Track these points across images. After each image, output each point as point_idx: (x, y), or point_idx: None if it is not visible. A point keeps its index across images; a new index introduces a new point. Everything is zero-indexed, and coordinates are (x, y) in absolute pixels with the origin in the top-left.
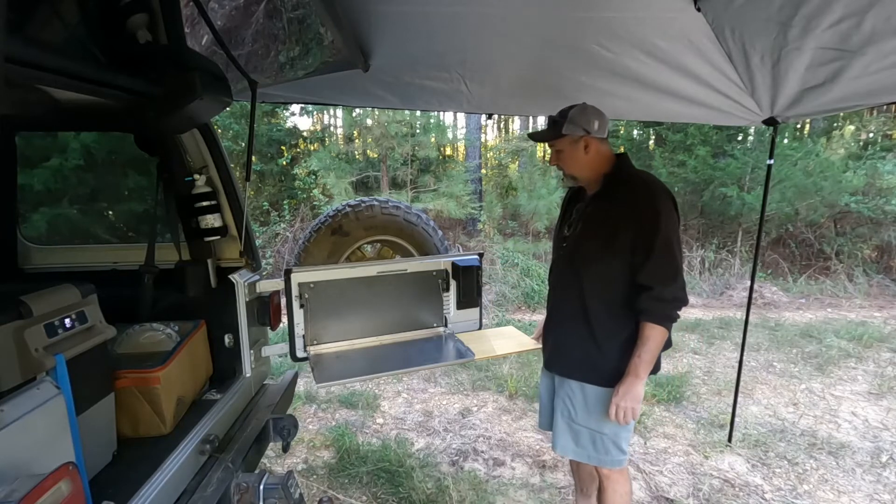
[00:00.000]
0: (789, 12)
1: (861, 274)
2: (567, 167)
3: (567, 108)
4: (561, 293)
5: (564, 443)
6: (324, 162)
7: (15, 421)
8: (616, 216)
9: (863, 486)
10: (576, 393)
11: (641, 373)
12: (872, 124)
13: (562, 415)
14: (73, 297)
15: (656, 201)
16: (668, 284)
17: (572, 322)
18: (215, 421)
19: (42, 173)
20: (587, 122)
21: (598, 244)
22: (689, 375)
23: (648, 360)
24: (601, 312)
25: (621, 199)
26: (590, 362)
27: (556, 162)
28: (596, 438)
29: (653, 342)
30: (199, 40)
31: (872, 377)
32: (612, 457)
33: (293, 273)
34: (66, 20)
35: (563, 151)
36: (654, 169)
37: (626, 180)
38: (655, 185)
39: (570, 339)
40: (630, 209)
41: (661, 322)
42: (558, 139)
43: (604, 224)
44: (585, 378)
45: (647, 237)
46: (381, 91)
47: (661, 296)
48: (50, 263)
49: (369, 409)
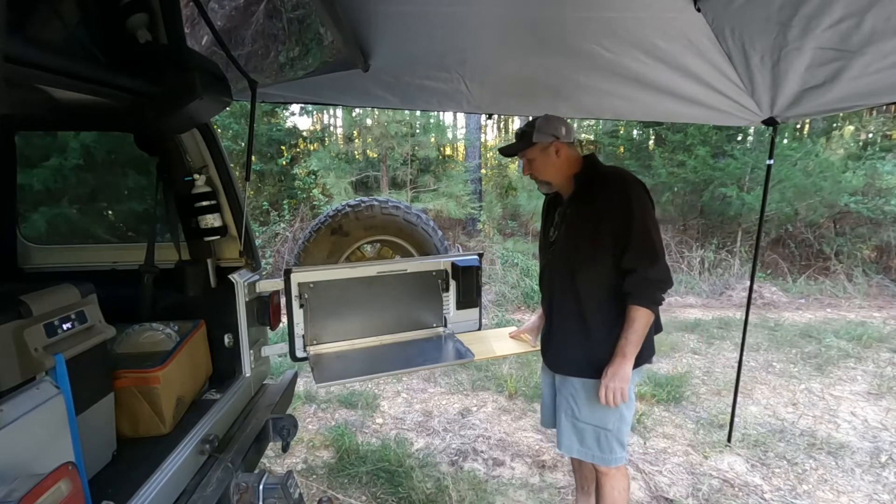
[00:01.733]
0: (789, 12)
1: (860, 274)
2: (540, 174)
3: (532, 119)
4: (559, 295)
5: (569, 442)
6: (323, 162)
7: (14, 421)
8: (595, 213)
9: (862, 486)
10: (578, 390)
11: (628, 353)
12: (872, 124)
13: (565, 413)
14: (72, 297)
15: (627, 191)
16: (651, 266)
17: (570, 321)
18: (215, 421)
19: (42, 173)
20: (555, 129)
21: (584, 242)
22: (688, 375)
23: (635, 340)
24: (595, 308)
25: (596, 196)
26: (589, 358)
27: (529, 171)
28: (600, 436)
29: (638, 324)
30: (199, 40)
31: (872, 377)
32: (615, 454)
33: (293, 273)
34: (65, 20)
35: (535, 160)
36: (654, 169)
37: (597, 178)
38: (624, 176)
39: (570, 338)
40: (605, 204)
41: (646, 304)
42: (529, 148)
43: (586, 222)
44: (586, 374)
45: (625, 225)
46: (380, 91)
47: (646, 276)
48: (49, 263)
49: (369, 409)
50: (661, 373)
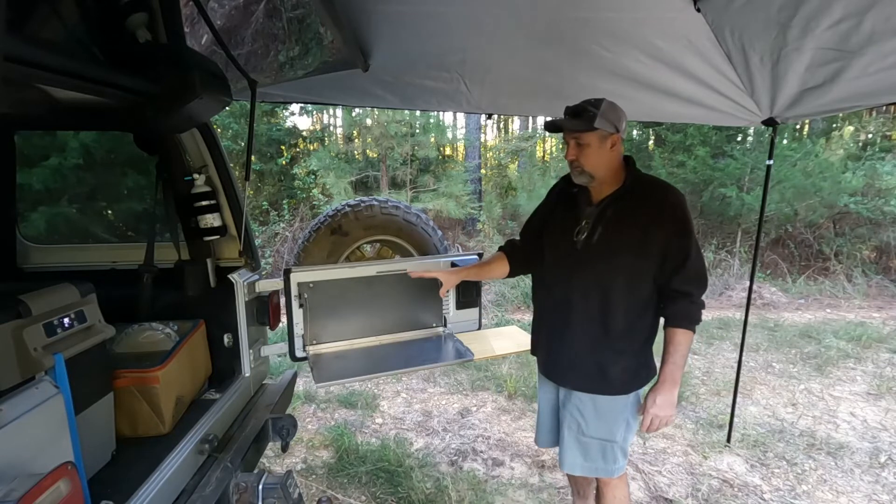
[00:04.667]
0: (789, 13)
1: (860, 274)
2: (588, 163)
3: (594, 100)
4: (581, 303)
5: (573, 459)
6: (323, 161)
7: (14, 420)
8: (646, 218)
9: (861, 486)
10: (586, 405)
11: (678, 378)
12: (871, 125)
13: (569, 429)
14: (72, 297)
15: (683, 205)
16: (703, 289)
17: (591, 333)
18: (214, 420)
19: (41, 172)
20: (618, 120)
21: (626, 249)
22: (688, 376)
23: (682, 365)
24: (622, 319)
25: (650, 200)
26: (605, 372)
27: (577, 156)
28: (606, 448)
29: (685, 347)
30: (199, 40)
31: (871, 378)
32: (619, 464)
33: (292, 273)
34: (65, 19)
35: (589, 146)
36: (654, 169)
37: (646, 182)
38: (677, 190)
39: (586, 350)
40: (659, 211)
41: (693, 326)
42: (589, 132)
43: (632, 227)
44: (599, 389)
45: (683, 241)
46: (380, 91)
47: (697, 301)
48: (49, 263)
49: (368, 408)
50: None
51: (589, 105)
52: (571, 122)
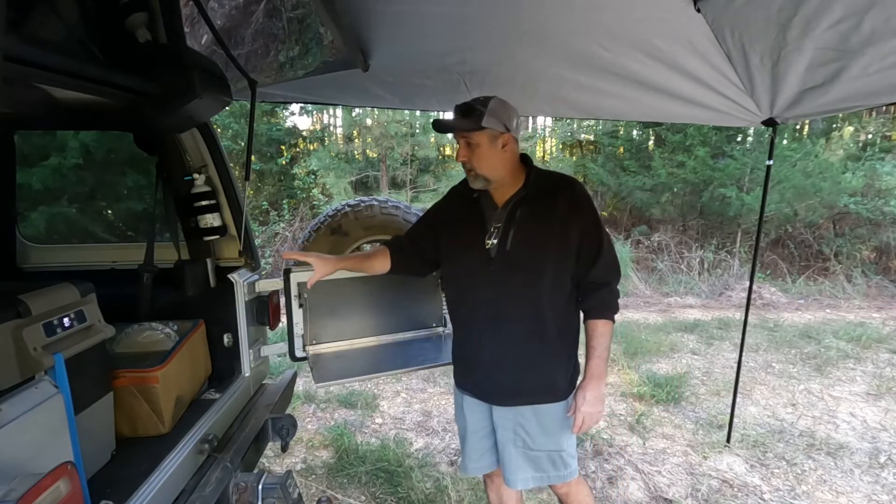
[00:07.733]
0: (789, 13)
1: (860, 275)
2: (481, 166)
3: (483, 97)
4: (510, 314)
5: (524, 475)
6: (323, 161)
7: (13, 420)
8: (559, 213)
9: (861, 486)
10: (529, 419)
11: (605, 372)
12: (871, 125)
13: (514, 446)
14: (71, 296)
15: (589, 197)
16: (619, 277)
17: (526, 343)
18: (214, 420)
19: (41, 172)
20: (508, 119)
21: (546, 247)
22: (687, 376)
23: (607, 357)
24: (556, 323)
25: (559, 195)
26: (546, 382)
27: (468, 157)
28: (555, 458)
29: (608, 339)
30: (199, 39)
31: (871, 378)
32: (570, 469)
33: (292, 272)
34: (65, 18)
35: (479, 147)
36: (654, 169)
37: (550, 178)
38: (581, 184)
39: (524, 363)
40: (572, 205)
41: (613, 316)
42: (476, 132)
43: (548, 224)
44: (541, 399)
45: (595, 234)
46: (380, 91)
47: (615, 290)
48: (48, 262)
49: (368, 408)
50: (661, 373)
51: (477, 104)
52: (460, 121)
